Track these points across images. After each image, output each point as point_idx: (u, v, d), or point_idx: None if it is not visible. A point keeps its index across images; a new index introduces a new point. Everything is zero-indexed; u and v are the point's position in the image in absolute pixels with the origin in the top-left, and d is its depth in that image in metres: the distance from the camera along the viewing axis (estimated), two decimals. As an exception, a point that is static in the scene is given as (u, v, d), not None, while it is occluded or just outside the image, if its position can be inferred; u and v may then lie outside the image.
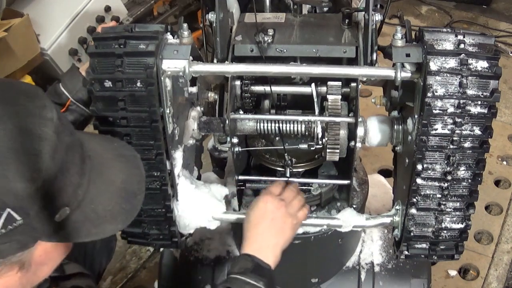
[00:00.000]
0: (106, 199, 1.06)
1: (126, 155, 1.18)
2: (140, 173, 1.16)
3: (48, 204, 0.95)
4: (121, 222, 1.09)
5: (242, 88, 1.55)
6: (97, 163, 1.07)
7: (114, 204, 1.08)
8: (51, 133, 0.94)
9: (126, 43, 1.29)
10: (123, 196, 1.10)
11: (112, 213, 1.07)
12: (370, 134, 1.47)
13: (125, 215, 1.10)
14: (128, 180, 1.12)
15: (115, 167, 1.12)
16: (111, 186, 1.09)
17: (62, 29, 2.95)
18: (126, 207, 1.10)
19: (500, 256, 2.80)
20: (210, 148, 2.50)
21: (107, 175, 1.09)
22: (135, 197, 1.12)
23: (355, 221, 1.56)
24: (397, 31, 1.28)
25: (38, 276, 1.07)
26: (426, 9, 4.82)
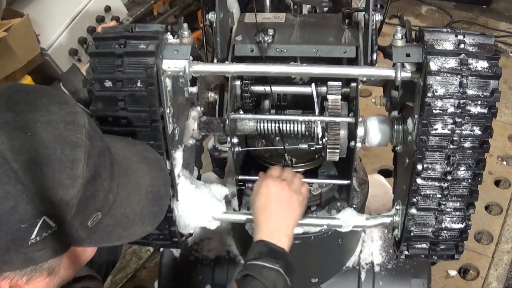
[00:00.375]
0: (135, 202, 1.07)
1: (150, 157, 1.19)
2: (164, 176, 1.17)
3: (82, 210, 0.95)
4: (150, 225, 1.10)
5: (242, 88, 1.55)
6: (123, 167, 1.08)
7: (142, 207, 1.09)
8: (84, 139, 0.94)
9: (126, 43, 1.29)
10: (150, 199, 1.10)
11: (141, 216, 1.08)
12: (370, 134, 1.47)
13: (153, 218, 1.11)
14: (154, 182, 1.13)
15: (141, 170, 1.13)
16: (139, 189, 1.09)
17: (62, 29, 2.95)
18: (154, 210, 1.11)
19: (500, 256, 2.80)
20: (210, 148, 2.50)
21: (134, 178, 1.10)
22: (161, 199, 1.13)
23: (355, 221, 1.57)
24: (397, 31, 1.28)
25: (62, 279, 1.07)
26: (426, 9, 4.82)
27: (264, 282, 1.31)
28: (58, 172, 0.90)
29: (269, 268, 1.32)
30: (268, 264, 1.33)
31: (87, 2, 3.01)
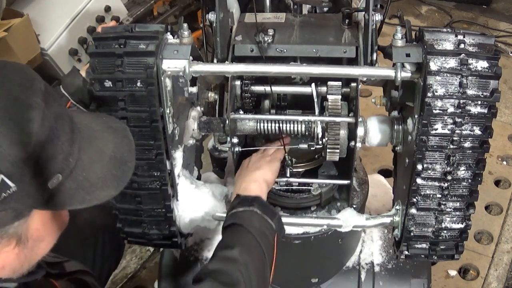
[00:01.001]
0: (98, 167, 1.11)
1: (115, 127, 1.23)
2: (129, 142, 1.20)
3: (40, 171, 0.98)
4: (113, 188, 1.14)
5: (242, 88, 1.55)
6: (87, 134, 1.12)
7: (105, 172, 1.12)
8: (40, 102, 0.99)
9: (126, 43, 1.29)
10: (114, 164, 1.14)
11: (104, 180, 1.11)
12: (370, 134, 1.47)
13: (116, 182, 1.14)
14: (118, 149, 1.17)
15: (105, 137, 1.17)
16: (101, 154, 1.13)
17: (62, 29, 2.95)
18: (117, 174, 1.14)
19: (500, 256, 2.80)
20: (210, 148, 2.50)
21: (97, 144, 1.14)
22: (125, 164, 1.16)
23: (355, 221, 1.57)
24: (397, 31, 1.28)
25: (36, 253, 1.11)
26: (426, 9, 4.82)
27: (239, 222, 1.36)
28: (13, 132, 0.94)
29: (242, 211, 1.39)
30: (241, 208, 1.40)
31: (87, 2, 3.01)
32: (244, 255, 1.30)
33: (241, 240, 1.34)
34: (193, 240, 1.96)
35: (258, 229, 1.36)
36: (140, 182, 1.42)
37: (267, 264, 1.36)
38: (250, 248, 1.33)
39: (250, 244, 1.33)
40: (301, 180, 1.63)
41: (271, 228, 1.40)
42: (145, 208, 1.47)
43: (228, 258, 1.29)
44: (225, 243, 1.36)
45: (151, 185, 1.42)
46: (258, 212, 1.38)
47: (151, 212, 1.48)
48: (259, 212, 1.38)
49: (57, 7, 3.00)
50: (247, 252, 1.31)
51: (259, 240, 1.34)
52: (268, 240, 1.38)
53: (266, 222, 1.39)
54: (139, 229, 1.53)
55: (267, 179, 1.50)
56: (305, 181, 1.63)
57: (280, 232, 1.45)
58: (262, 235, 1.36)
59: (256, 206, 1.40)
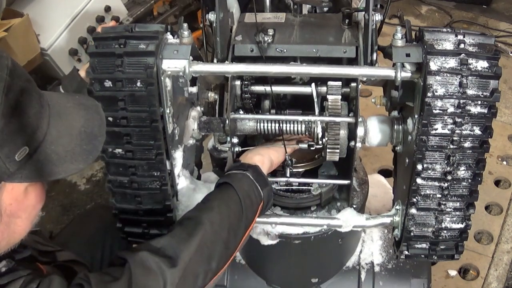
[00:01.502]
0: (66, 141, 1.14)
1: (86, 103, 1.26)
2: (100, 118, 1.23)
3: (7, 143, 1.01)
4: (82, 162, 1.16)
5: (242, 88, 1.55)
6: (57, 110, 1.15)
7: (74, 146, 1.15)
8: (5, 76, 1.02)
9: (126, 43, 1.29)
10: (83, 138, 1.17)
11: (73, 154, 1.14)
12: (370, 134, 1.47)
13: (85, 155, 1.17)
14: (88, 124, 1.20)
15: (76, 113, 1.20)
16: (71, 129, 1.16)
17: (62, 29, 2.95)
18: (87, 148, 1.17)
19: (500, 256, 2.80)
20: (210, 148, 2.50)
21: (67, 119, 1.17)
22: (95, 138, 1.19)
23: (355, 221, 1.57)
24: (397, 31, 1.28)
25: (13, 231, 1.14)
26: (426, 9, 4.82)
27: (228, 181, 1.40)
28: None
29: (235, 173, 1.43)
30: (235, 171, 1.43)
31: (87, 2, 3.01)
32: (220, 206, 1.34)
33: (222, 195, 1.38)
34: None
35: (244, 190, 1.39)
36: (140, 182, 1.42)
37: (243, 224, 1.38)
38: (229, 203, 1.36)
39: (230, 199, 1.37)
40: (301, 180, 1.63)
41: (259, 195, 1.42)
42: (145, 208, 1.47)
43: (203, 207, 1.34)
44: (207, 197, 1.39)
45: (151, 185, 1.42)
46: (250, 177, 1.42)
47: (151, 212, 1.48)
48: (251, 177, 1.42)
49: (57, 7, 3.00)
50: (224, 205, 1.35)
51: (241, 199, 1.37)
52: (252, 204, 1.40)
53: (256, 188, 1.42)
54: (139, 229, 1.53)
55: (272, 157, 1.54)
56: (305, 181, 1.63)
57: (268, 203, 1.47)
58: (247, 197, 1.39)
59: (250, 171, 1.43)
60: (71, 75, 1.73)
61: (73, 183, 3.25)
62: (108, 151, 1.37)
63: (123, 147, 1.36)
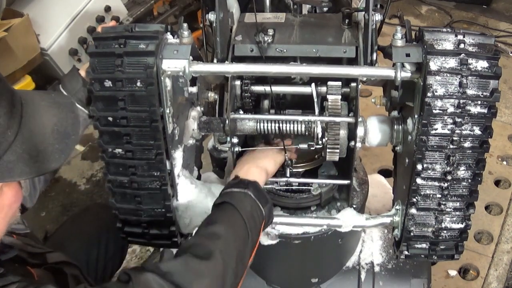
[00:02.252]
0: (39, 140, 1.14)
1: (61, 102, 1.26)
2: (74, 116, 1.23)
3: None
4: (55, 161, 1.16)
5: (242, 88, 1.55)
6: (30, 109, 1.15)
7: (46, 145, 1.15)
8: None
9: (126, 43, 1.29)
10: (56, 137, 1.17)
11: (45, 153, 1.14)
12: (370, 134, 1.47)
13: (58, 154, 1.17)
14: (61, 123, 1.20)
15: (49, 112, 1.20)
16: (43, 128, 1.16)
17: (62, 29, 2.95)
18: (59, 147, 1.17)
19: (500, 256, 2.80)
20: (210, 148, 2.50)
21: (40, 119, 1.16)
22: (69, 137, 1.19)
23: (355, 221, 1.57)
24: (397, 31, 1.28)
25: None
26: (426, 9, 4.82)
27: (230, 201, 1.36)
28: None
29: (237, 192, 1.40)
30: (236, 189, 1.40)
31: (87, 2, 3.01)
32: (227, 232, 1.30)
33: (228, 218, 1.35)
34: (193, 240, 1.96)
35: (248, 212, 1.36)
36: (140, 182, 1.42)
37: (249, 248, 1.36)
38: (235, 228, 1.33)
39: (236, 223, 1.34)
40: (301, 180, 1.63)
41: (261, 214, 1.40)
42: (145, 208, 1.47)
43: (210, 233, 1.30)
44: (211, 219, 1.36)
45: (151, 185, 1.42)
46: (252, 196, 1.39)
47: (151, 212, 1.48)
48: (252, 196, 1.39)
49: (57, 7, 3.00)
50: (231, 230, 1.31)
51: (246, 222, 1.34)
52: (256, 224, 1.38)
53: (258, 207, 1.40)
54: (139, 229, 1.53)
55: (268, 168, 1.52)
56: (305, 181, 1.63)
57: (269, 220, 1.46)
58: (251, 218, 1.36)
59: (251, 189, 1.41)
60: (70, 74, 1.73)
61: (73, 183, 3.25)
62: (108, 151, 1.37)
63: (123, 147, 1.36)
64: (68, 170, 3.28)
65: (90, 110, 1.33)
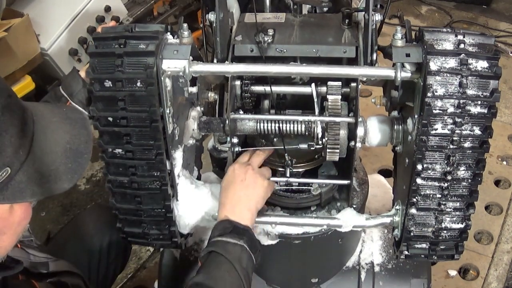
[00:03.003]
0: (50, 159, 1.10)
1: (73, 117, 1.22)
2: (87, 133, 1.20)
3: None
4: (67, 181, 1.13)
5: (242, 88, 1.55)
6: (41, 125, 1.11)
7: (58, 164, 1.11)
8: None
9: (126, 43, 1.29)
10: (68, 156, 1.13)
11: (57, 173, 1.11)
12: (370, 134, 1.47)
13: (71, 174, 1.13)
14: (74, 140, 1.16)
15: (61, 128, 1.16)
16: (55, 147, 1.12)
17: (62, 29, 2.95)
18: (72, 166, 1.13)
19: (500, 256, 2.80)
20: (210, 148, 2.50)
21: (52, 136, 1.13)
22: (81, 156, 1.16)
23: (355, 221, 1.57)
24: (397, 31, 1.28)
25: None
26: (426, 9, 4.82)
27: (228, 257, 1.34)
28: None
29: (233, 244, 1.36)
30: (232, 240, 1.36)
31: (87, 2, 3.01)
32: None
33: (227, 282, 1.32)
34: (193, 240, 1.96)
35: (244, 270, 1.35)
36: (140, 182, 1.42)
37: None
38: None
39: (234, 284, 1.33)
40: (301, 180, 1.63)
41: (253, 265, 1.40)
42: (145, 208, 1.47)
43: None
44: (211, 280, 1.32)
45: (151, 185, 1.42)
46: (247, 249, 1.37)
47: (151, 212, 1.48)
48: (247, 248, 1.37)
49: (57, 7, 3.00)
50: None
51: (244, 282, 1.34)
52: (249, 280, 1.38)
53: (251, 259, 1.39)
54: (139, 229, 1.53)
55: (258, 207, 1.49)
56: (305, 181, 1.63)
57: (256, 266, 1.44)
58: (246, 277, 1.35)
59: (246, 240, 1.38)
60: (70, 75, 1.73)
61: (73, 183, 3.25)
62: (108, 151, 1.37)
63: (123, 147, 1.36)
64: (68, 170, 3.28)
65: (90, 110, 1.33)
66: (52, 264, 1.52)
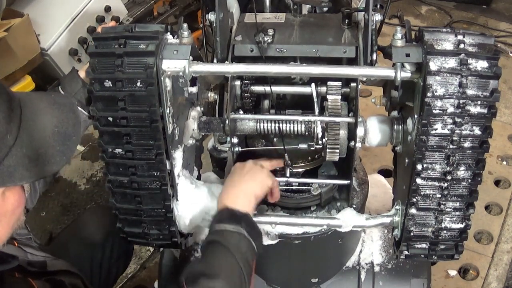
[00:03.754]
0: (39, 144, 1.13)
1: (61, 102, 1.24)
2: (75, 117, 1.22)
3: None
4: (56, 164, 1.15)
5: (242, 88, 1.55)
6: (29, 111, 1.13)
7: (47, 147, 1.14)
8: None
9: (126, 43, 1.29)
10: (56, 139, 1.16)
11: (45, 156, 1.13)
12: (370, 134, 1.47)
13: (59, 157, 1.16)
14: (62, 124, 1.18)
15: (49, 113, 1.18)
16: (43, 131, 1.15)
17: (62, 29, 2.95)
18: (60, 149, 1.16)
19: (500, 256, 2.80)
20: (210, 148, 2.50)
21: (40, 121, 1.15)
22: (70, 139, 1.18)
23: (355, 221, 1.57)
24: (397, 31, 1.28)
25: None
26: (426, 9, 4.82)
27: (227, 245, 1.33)
28: None
29: (231, 231, 1.35)
30: (230, 227, 1.35)
31: (87, 2, 3.01)
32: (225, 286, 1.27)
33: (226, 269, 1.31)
34: (193, 240, 1.96)
35: (244, 256, 1.34)
36: (140, 182, 1.42)
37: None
38: (234, 280, 1.30)
39: (234, 274, 1.31)
40: (301, 180, 1.63)
41: (254, 252, 1.38)
42: (145, 208, 1.47)
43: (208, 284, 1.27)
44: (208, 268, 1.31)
45: (151, 185, 1.42)
46: (246, 235, 1.36)
47: (151, 212, 1.48)
48: (246, 234, 1.36)
49: (57, 7, 3.00)
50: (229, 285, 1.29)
51: (243, 269, 1.32)
52: (250, 267, 1.36)
53: (251, 247, 1.37)
54: (139, 229, 1.53)
55: (257, 194, 1.47)
56: (305, 181, 1.63)
57: (259, 253, 1.42)
58: (246, 263, 1.34)
59: (244, 226, 1.37)
60: (70, 75, 1.73)
61: (73, 183, 3.25)
62: (108, 151, 1.37)
63: (123, 147, 1.36)
64: (68, 170, 3.28)
65: (90, 110, 1.33)
66: (50, 263, 1.52)
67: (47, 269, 1.50)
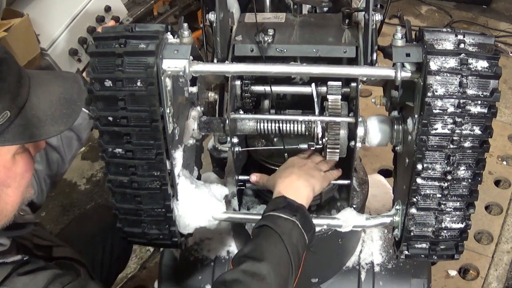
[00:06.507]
0: (47, 106, 1.23)
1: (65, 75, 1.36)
2: (79, 86, 1.32)
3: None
4: (63, 124, 1.25)
5: (242, 88, 1.55)
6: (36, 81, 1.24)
7: (54, 110, 1.24)
8: None
9: (127, 42, 1.29)
10: (62, 103, 1.26)
11: (53, 117, 1.23)
12: (370, 134, 1.47)
13: (65, 118, 1.25)
14: (67, 91, 1.29)
15: (55, 83, 1.30)
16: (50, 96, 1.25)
17: (62, 29, 2.95)
18: (66, 112, 1.26)
19: (500, 256, 2.80)
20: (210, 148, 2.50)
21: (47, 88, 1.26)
22: (75, 103, 1.28)
23: (355, 221, 1.56)
24: (397, 31, 1.28)
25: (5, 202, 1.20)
26: (426, 9, 4.82)
27: (278, 231, 1.32)
28: None
29: (285, 219, 1.34)
30: (284, 215, 1.35)
31: (87, 2, 3.01)
32: (271, 274, 1.25)
33: (273, 254, 1.29)
34: (193, 240, 1.96)
35: (294, 245, 1.32)
36: (140, 182, 1.42)
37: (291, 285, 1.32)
38: (280, 267, 1.28)
39: (281, 261, 1.30)
40: (301, 180, 1.62)
41: (305, 245, 1.37)
42: (145, 208, 1.47)
43: (254, 273, 1.24)
44: (256, 251, 1.30)
45: (151, 185, 1.42)
46: (299, 226, 1.35)
47: (151, 212, 1.48)
48: (300, 225, 1.35)
49: (57, 7, 3.00)
50: (275, 271, 1.26)
51: (292, 258, 1.31)
52: (299, 258, 1.35)
53: (303, 238, 1.36)
54: (139, 229, 1.53)
55: (316, 190, 1.48)
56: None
57: (310, 246, 1.41)
58: (295, 253, 1.33)
59: (299, 217, 1.36)
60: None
61: (73, 183, 3.25)
62: (108, 151, 1.37)
63: (123, 147, 1.36)
64: (68, 170, 3.27)
65: (90, 110, 1.33)
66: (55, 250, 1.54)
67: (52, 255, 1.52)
